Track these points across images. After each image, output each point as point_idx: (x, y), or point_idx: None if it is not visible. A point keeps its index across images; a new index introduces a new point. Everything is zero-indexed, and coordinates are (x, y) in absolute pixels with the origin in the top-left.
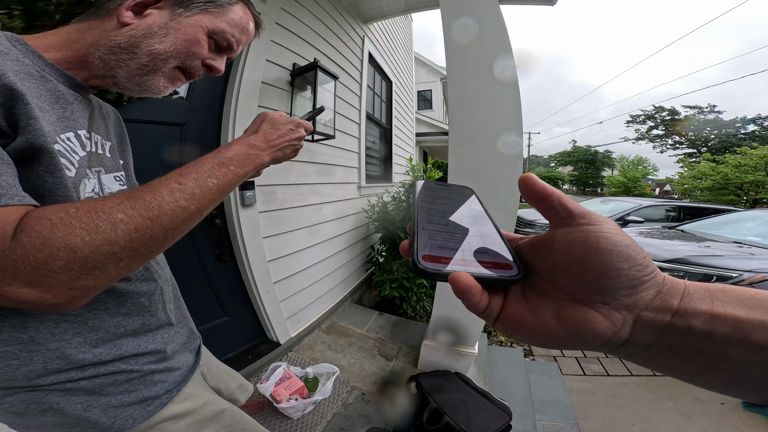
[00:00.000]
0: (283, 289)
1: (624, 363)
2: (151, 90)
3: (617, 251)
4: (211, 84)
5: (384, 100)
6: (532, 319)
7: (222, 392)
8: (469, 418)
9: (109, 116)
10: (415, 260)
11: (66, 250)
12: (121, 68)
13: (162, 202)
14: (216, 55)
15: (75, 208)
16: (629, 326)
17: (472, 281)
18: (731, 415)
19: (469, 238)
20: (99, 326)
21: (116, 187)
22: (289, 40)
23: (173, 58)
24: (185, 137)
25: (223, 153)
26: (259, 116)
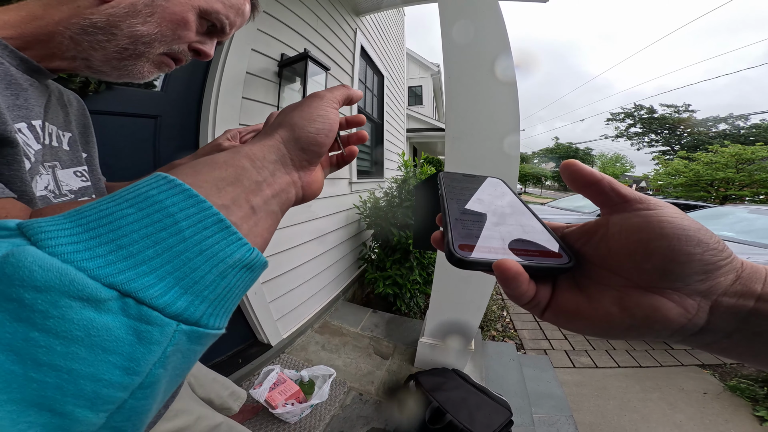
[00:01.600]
0: (271, 289)
1: (611, 355)
2: (133, 75)
3: (686, 236)
4: (189, 73)
5: (375, 94)
6: (589, 308)
7: (214, 402)
8: (471, 415)
9: (70, 104)
10: (452, 250)
11: None
12: (96, 50)
13: None
14: (205, 37)
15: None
16: (705, 313)
17: (519, 268)
18: (713, 403)
19: (507, 227)
20: None
21: (77, 184)
22: (277, 30)
23: (158, 42)
24: (160, 130)
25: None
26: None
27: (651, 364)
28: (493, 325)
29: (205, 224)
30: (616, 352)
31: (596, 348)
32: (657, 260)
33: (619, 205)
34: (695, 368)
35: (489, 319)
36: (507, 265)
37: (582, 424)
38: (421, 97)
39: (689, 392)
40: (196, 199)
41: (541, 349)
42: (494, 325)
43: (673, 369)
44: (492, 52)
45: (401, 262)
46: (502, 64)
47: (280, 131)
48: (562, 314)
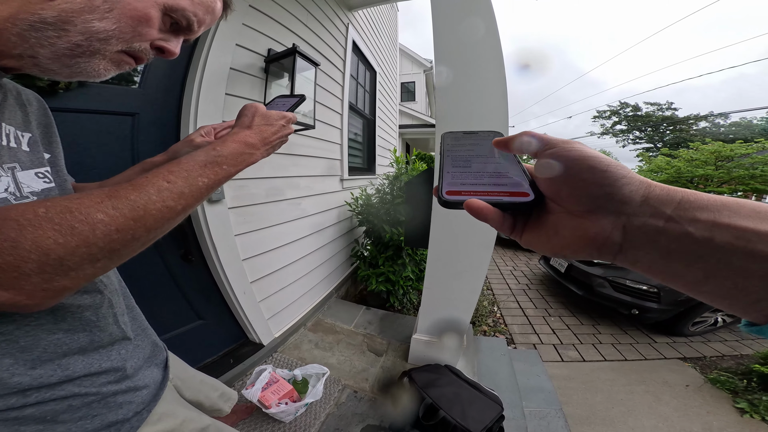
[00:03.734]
0: (261, 288)
1: (597, 349)
2: (87, 74)
3: (578, 164)
4: (169, 69)
5: (368, 90)
6: (539, 233)
7: (203, 404)
8: (463, 411)
9: (30, 104)
10: (440, 195)
11: (38, 252)
12: (44, 47)
13: (148, 202)
14: (170, 35)
15: (45, 208)
16: (619, 231)
17: (482, 204)
18: (695, 396)
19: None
20: (33, 345)
21: (39, 186)
22: (264, 25)
23: (116, 39)
24: (138, 128)
25: (217, 150)
26: (248, 108)
27: (636, 357)
28: (485, 321)
29: None
30: (603, 345)
31: (583, 342)
32: (565, 190)
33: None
34: (677, 361)
35: (480, 315)
36: (471, 203)
37: (571, 417)
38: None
39: (673, 385)
40: None
41: (531, 343)
42: (485, 321)
43: (657, 362)
44: (483, 48)
45: (394, 258)
46: (492, 60)
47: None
48: (528, 239)
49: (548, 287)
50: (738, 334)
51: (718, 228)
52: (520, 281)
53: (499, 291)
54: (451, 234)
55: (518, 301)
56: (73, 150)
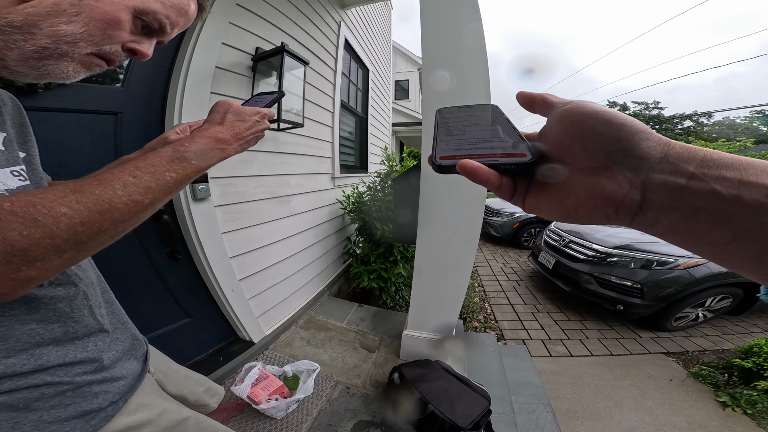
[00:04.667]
0: (251, 285)
1: (584, 344)
2: (55, 76)
3: (592, 118)
4: (153, 68)
5: (360, 88)
6: (548, 194)
7: (188, 399)
8: (452, 405)
9: (4, 104)
10: (434, 161)
11: (3, 243)
12: (11, 50)
13: (113, 196)
14: (142, 37)
15: (10, 203)
16: (638, 188)
17: (476, 164)
18: (679, 390)
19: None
20: (6, 335)
21: (15, 183)
22: (251, 23)
23: (85, 41)
24: (121, 128)
25: (185, 146)
26: (220, 105)
27: (621, 352)
28: (476, 317)
29: None
30: (589, 341)
31: (570, 338)
32: (578, 144)
33: (548, 110)
34: (661, 356)
35: (471, 311)
36: (466, 163)
37: (559, 411)
38: (407, 91)
39: (657, 379)
40: None
41: (520, 339)
42: (476, 317)
43: (642, 357)
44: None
45: (385, 255)
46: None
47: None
48: (533, 203)
49: (537, 284)
50: (718, 329)
51: (746, 186)
52: (510, 278)
53: (490, 287)
54: (437, 229)
55: (508, 297)
56: (55, 149)
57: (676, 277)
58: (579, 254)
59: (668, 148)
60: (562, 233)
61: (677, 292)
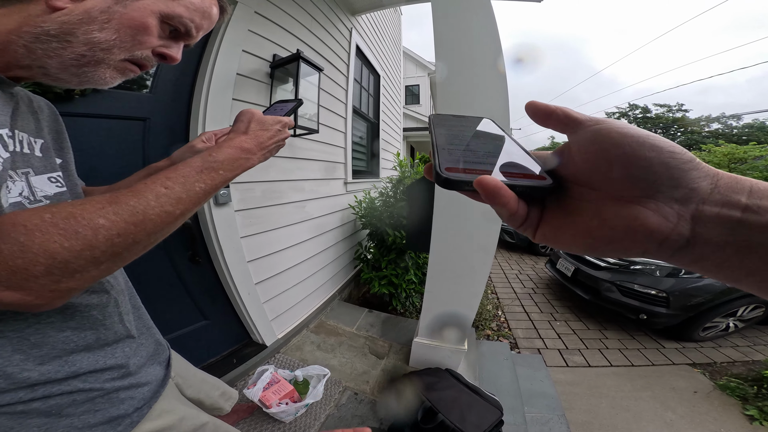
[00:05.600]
0: (266, 289)
1: (603, 354)
2: (94, 82)
3: (637, 141)
4: (178, 75)
5: (371, 94)
6: (572, 223)
7: (204, 403)
8: (462, 415)
9: (41, 111)
10: (438, 171)
11: (45, 255)
12: (51, 58)
13: (147, 207)
14: (170, 41)
15: (50, 214)
16: (687, 222)
17: (499, 183)
18: (703, 402)
19: (492, 154)
20: (43, 342)
21: (52, 190)
22: (269, 30)
23: (118, 48)
24: (149, 133)
25: (213, 156)
26: (244, 114)
27: (643, 362)
28: (488, 325)
29: None
30: (609, 351)
31: (589, 347)
32: (619, 168)
33: (573, 127)
34: (686, 367)
35: (484, 319)
36: (486, 181)
37: (574, 423)
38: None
39: (680, 391)
40: None
41: (535, 348)
42: (489, 325)
43: (665, 368)
44: (483, 50)
45: (396, 261)
46: (493, 63)
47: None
48: (549, 233)
49: (554, 291)
50: (750, 339)
51: None
52: (526, 285)
53: (504, 295)
54: (453, 237)
55: (523, 305)
56: (88, 154)
57: (705, 286)
58: (600, 261)
59: (717, 178)
60: None
61: (707, 301)
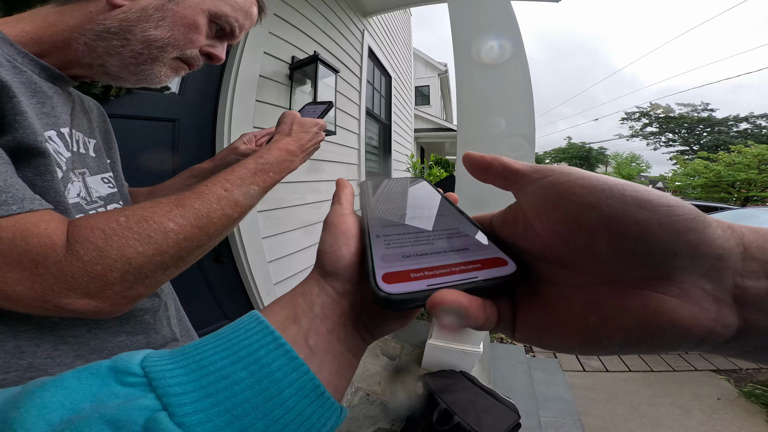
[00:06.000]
0: (284, 289)
1: (622, 359)
2: (151, 80)
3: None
4: (206, 77)
5: (383, 95)
6: (558, 320)
7: None
8: (478, 417)
9: (91, 111)
10: (375, 286)
11: (122, 261)
12: (111, 56)
13: (210, 210)
14: (215, 41)
15: (125, 217)
16: (731, 307)
17: (460, 297)
18: (726, 410)
19: (438, 236)
20: (101, 347)
21: (105, 190)
22: (287, 33)
23: (171, 46)
24: (178, 133)
25: (264, 158)
26: (287, 116)
27: (663, 368)
28: None
29: (304, 392)
30: (628, 356)
31: None
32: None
33: (517, 181)
34: (709, 373)
35: None
36: (446, 298)
37: (590, 427)
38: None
39: (702, 397)
40: (296, 363)
41: (551, 352)
42: None
43: (687, 374)
44: (505, 53)
45: None
46: (516, 65)
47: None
48: (532, 334)
49: None
50: None
51: None
52: None
53: None
54: None
55: None
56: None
57: None
58: None
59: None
60: None
61: None
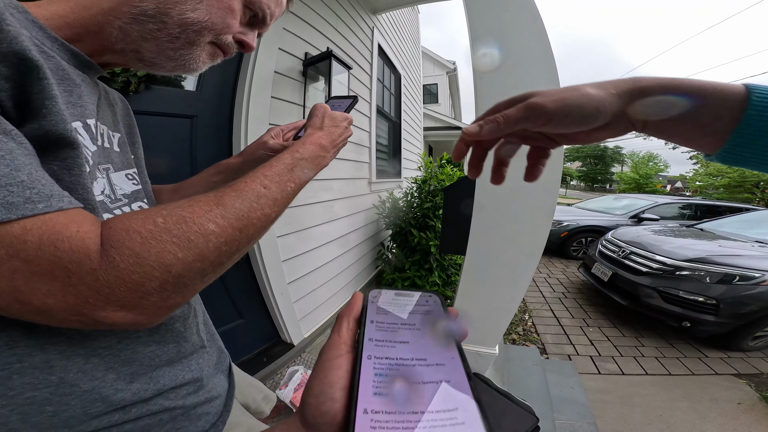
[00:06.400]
0: (296, 289)
1: (639, 362)
2: (189, 65)
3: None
4: (222, 74)
5: (393, 93)
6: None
7: (250, 407)
8: (496, 421)
9: (116, 104)
10: None
11: (161, 269)
12: (147, 41)
13: (250, 210)
14: (247, 29)
15: (162, 218)
16: (612, 95)
17: None
18: (746, 415)
19: (428, 390)
20: (132, 359)
21: (129, 187)
22: (301, 29)
23: (208, 30)
24: (196, 130)
25: (300, 152)
26: (318, 109)
27: (682, 372)
28: (514, 329)
29: None
30: (645, 359)
31: (623, 354)
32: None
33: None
34: (730, 377)
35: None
36: None
37: (604, 431)
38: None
39: (721, 402)
40: None
41: (565, 354)
42: (515, 329)
43: (706, 378)
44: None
45: (421, 263)
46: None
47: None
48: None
49: (587, 296)
50: None
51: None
52: (556, 289)
53: (532, 299)
54: (494, 241)
55: (553, 310)
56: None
57: (761, 293)
58: (641, 266)
59: (612, 84)
60: (621, 244)
61: (760, 309)
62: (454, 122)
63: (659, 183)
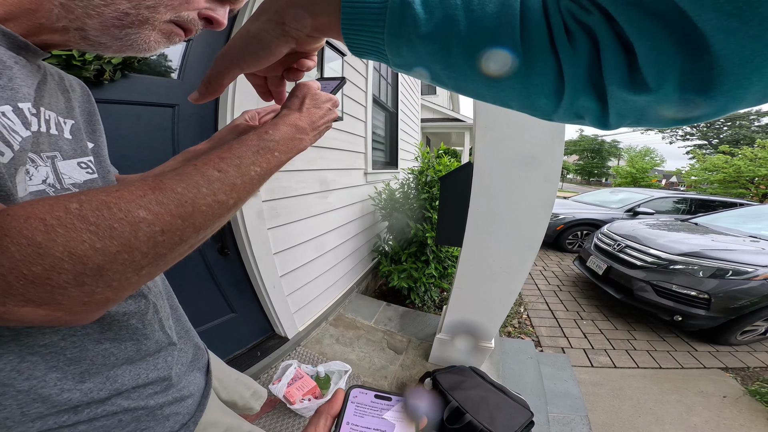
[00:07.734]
0: (289, 282)
1: (631, 355)
2: (137, 46)
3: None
4: (207, 60)
5: (390, 83)
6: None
7: (237, 404)
8: (491, 415)
9: (73, 90)
10: None
11: (72, 260)
12: (91, 18)
13: (197, 196)
14: (216, 3)
15: (78, 203)
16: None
17: None
18: (731, 408)
19: None
20: (81, 357)
21: (82, 177)
22: None
23: (164, 6)
24: (178, 120)
25: (270, 134)
26: (300, 88)
27: (672, 365)
28: (510, 322)
29: None
30: (637, 352)
31: (616, 348)
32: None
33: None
34: (718, 371)
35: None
36: None
37: (596, 424)
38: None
39: (708, 395)
40: None
41: (559, 346)
42: (510, 322)
43: (695, 371)
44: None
45: (417, 255)
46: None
47: None
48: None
49: (581, 289)
50: None
51: None
52: (551, 282)
53: (527, 291)
54: (492, 232)
55: (548, 302)
56: (116, 141)
57: (752, 288)
58: (635, 260)
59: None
60: (616, 237)
61: (751, 304)
62: (452, 114)
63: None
